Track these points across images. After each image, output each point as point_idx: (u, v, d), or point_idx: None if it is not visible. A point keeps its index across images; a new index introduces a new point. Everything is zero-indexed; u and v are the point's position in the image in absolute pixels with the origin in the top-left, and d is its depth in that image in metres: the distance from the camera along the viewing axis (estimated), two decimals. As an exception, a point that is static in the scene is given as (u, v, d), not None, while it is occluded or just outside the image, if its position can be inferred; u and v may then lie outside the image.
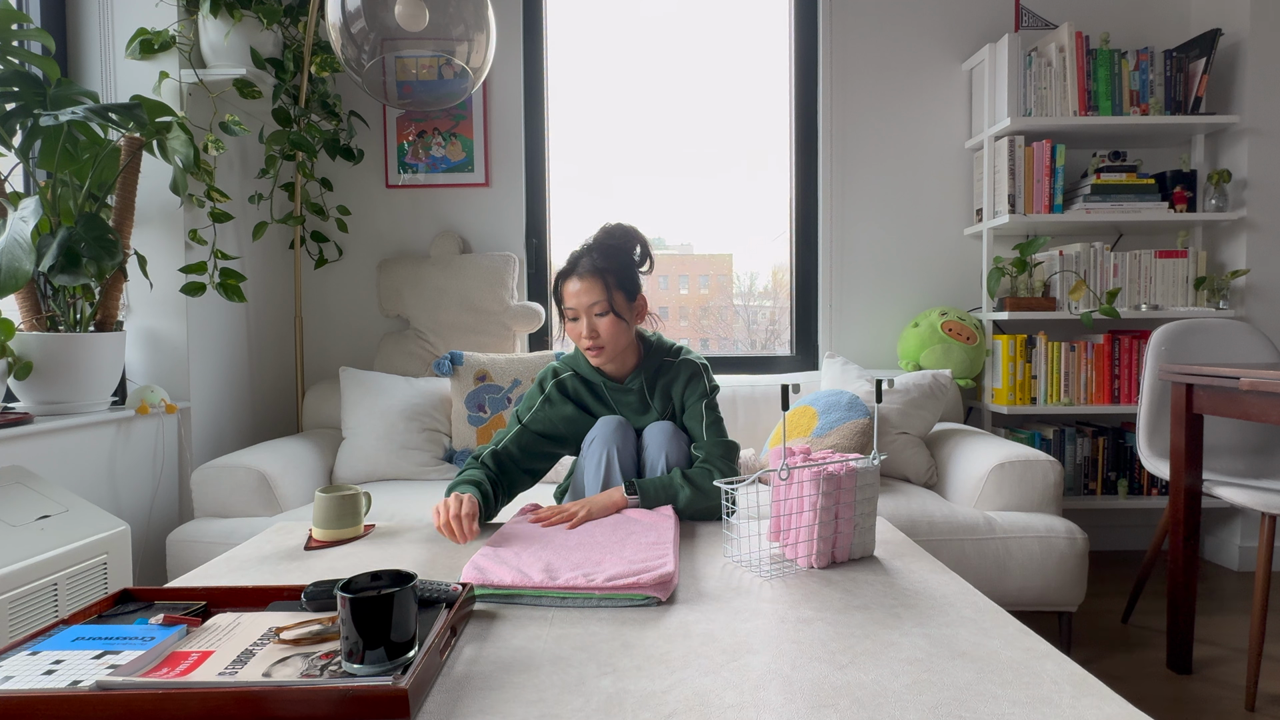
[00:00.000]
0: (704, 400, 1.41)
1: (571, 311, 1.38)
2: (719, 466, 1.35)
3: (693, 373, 1.43)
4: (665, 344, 1.48)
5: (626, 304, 1.38)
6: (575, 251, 1.42)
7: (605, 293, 1.35)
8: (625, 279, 1.39)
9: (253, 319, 2.31)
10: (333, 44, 1.50)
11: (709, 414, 1.41)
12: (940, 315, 2.33)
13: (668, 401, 1.45)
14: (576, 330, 1.38)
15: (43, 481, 1.40)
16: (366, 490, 1.34)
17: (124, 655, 0.74)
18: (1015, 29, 2.54)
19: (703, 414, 1.40)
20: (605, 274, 1.36)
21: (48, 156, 1.60)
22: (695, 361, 1.45)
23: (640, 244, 1.44)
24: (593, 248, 1.40)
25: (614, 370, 1.44)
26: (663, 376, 1.44)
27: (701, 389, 1.42)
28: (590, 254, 1.39)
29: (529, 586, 0.95)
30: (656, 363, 1.45)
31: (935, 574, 1.05)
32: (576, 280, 1.37)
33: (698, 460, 1.37)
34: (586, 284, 1.35)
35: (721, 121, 2.72)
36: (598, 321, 1.36)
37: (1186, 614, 1.69)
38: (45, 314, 1.62)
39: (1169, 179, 2.38)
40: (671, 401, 1.44)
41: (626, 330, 1.39)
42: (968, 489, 1.83)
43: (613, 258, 1.39)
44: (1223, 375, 1.54)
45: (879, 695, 0.70)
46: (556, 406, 1.44)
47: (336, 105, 2.34)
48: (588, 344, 1.37)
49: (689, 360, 1.45)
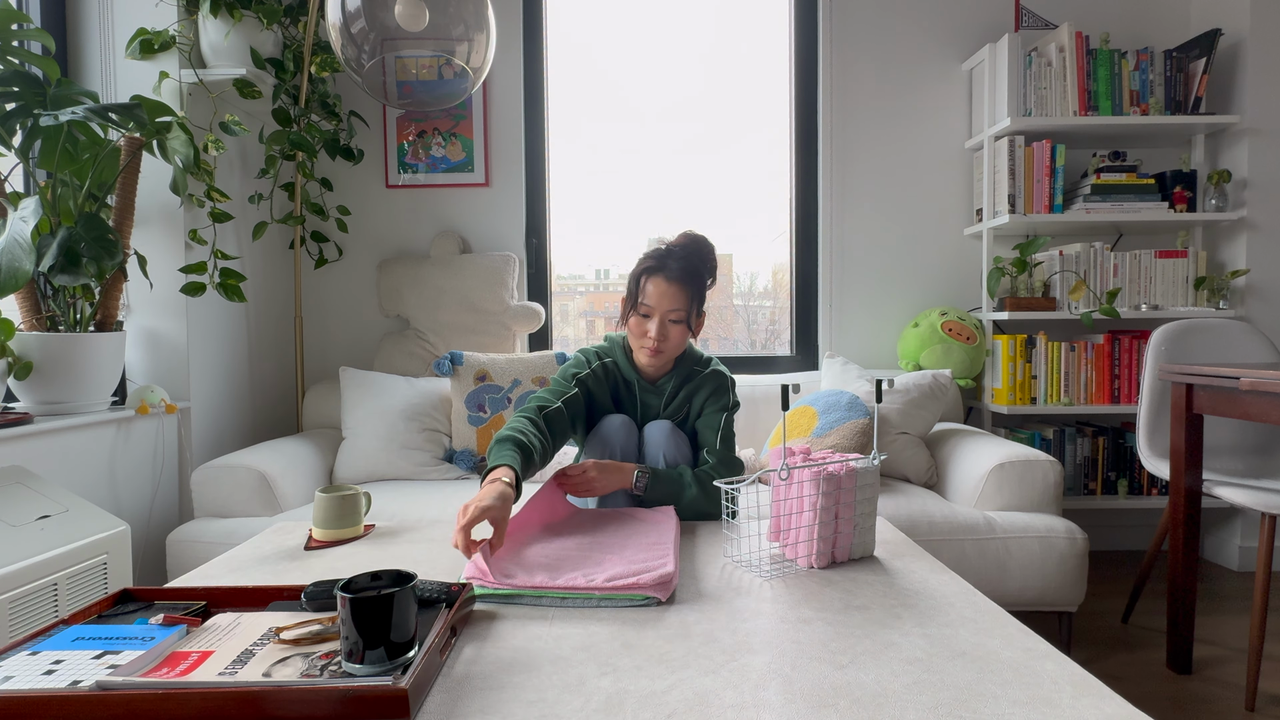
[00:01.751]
0: (723, 413, 1.42)
1: (647, 309, 1.36)
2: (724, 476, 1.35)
3: (719, 384, 1.44)
4: (696, 353, 1.49)
5: (696, 317, 1.40)
6: (661, 250, 1.40)
7: (689, 303, 1.36)
8: (702, 293, 1.40)
9: (253, 319, 2.31)
10: (333, 44, 1.50)
11: (725, 427, 1.41)
12: (940, 315, 2.33)
13: (685, 406, 1.45)
14: (643, 327, 1.37)
15: (43, 481, 1.40)
16: (366, 490, 1.34)
17: (124, 655, 0.74)
18: (1015, 29, 2.54)
19: (719, 425, 1.41)
20: (692, 282, 1.36)
21: (48, 156, 1.60)
22: (724, 374, 1.46)
23: (714, 260, 1.44)
24: (678, 253, 1.38)
25: (652, 372, 1.44)
26: (689, 384, 1.45)
27: (724, 402, 1.43)
28: (678, 257, 1.37)
29: (529, 587, 0.94)
30: (687, 370, 1.45)
31: (935, 574, 1.05)
32: (665, 282, 1.35)
33: (707, 465, 1.38)
34: (675, 289, 1.35)
35: (722, 121, 2.72)
36: (671, 327, 1.36)
37: (1186, 614, 1.69)
38: (45, 314, 1.62)
39: (1169, 179, 2.38)
40: (689, 406, 1.45)
41: (687, 341, 1.41)
42: (968, 489, 1.83)
43: (695, 269, 1.38)
44: (1223, 375, 1.54)
45: (879, 695, 0.70)
46: (600, 381, 1.44)
47: (336, 105, 2.34)
48: (651, 344, 1.36)
49: (718, 371, 1.46)
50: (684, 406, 1.45)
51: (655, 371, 1.44)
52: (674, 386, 1.44)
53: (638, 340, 1.39)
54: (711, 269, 1.43)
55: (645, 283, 1.37)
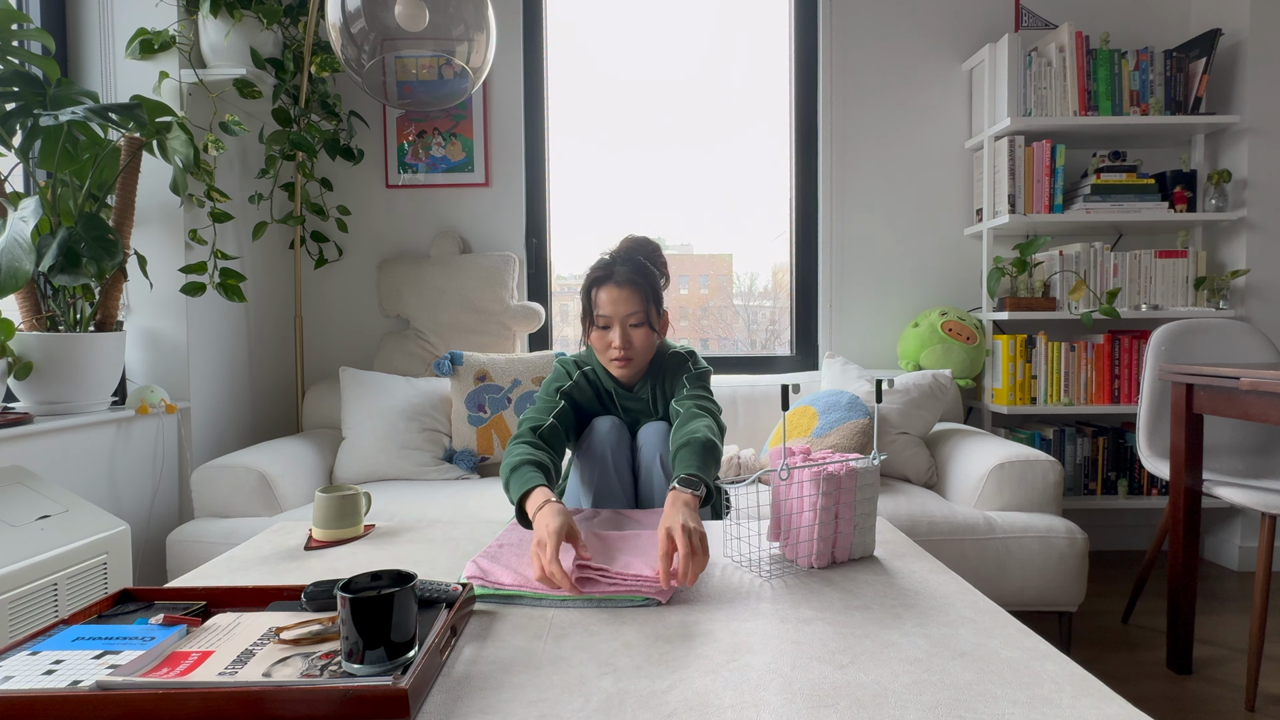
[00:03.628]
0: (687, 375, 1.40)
1: (604, 320, 1.35)
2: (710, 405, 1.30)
3: (679, 362, 1.44)
4: (668, 350, 1.48)
5: (657, 316, 1.38)
6: (605, 259, 1.39)
7: (644, 303, 1.34)
8: (657, 291, 1.38)
9: (253, 319, 2.31)
10: (333, 44, 1.50)
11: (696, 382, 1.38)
12: (940, 315, 2.33)
13: (666, 399, 1.44)
14: (605, 339, 1.35)
15: (43, 481, 1.40)
16: (366, 490, 1.34)
17: (124, 655, 0.74)
18: (1015, 29, 2.54)
19: (686, 384, 1.38)
20: (642, 284, 1.34)
21: (48, 156, 1.60)
22: (681, 351, 1.46)
23: (662, 257, 1.44)
24: (622, 258, 1.38)
25: (627, 379, 1.43)
26: (665, 380, 1.44)
27: (686, 370, 1.42)
28: (623, 262, 1.36)
29: (529, 587, 0.94)
30: (659, 367, 1.45)
31: (935, 574, 1.05)
32: (615, 288, 1.33)
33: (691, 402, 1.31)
34: (626, 293, 1.33)
35: (722, 121, 2.72)
36: (633, 332, 1.34)
37: (1186, 614, 1.69)
38: (45, 314, 1.62)
39: (1169, 179, 2.38)
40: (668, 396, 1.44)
41: (655, 343, 1.38)
42: (968, 489, 1.83)
43: (644, 269, 1.37)
44: (1223, 375, 1.54)
45: (879, 695, 0.70)
46: (583, 390, 1.43)
47: (336, 105, 2.34)
48: (617, 353, 1.34)
49: (677, 351, 1.46)
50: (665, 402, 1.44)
51: (630, 379, 1.43)
52: (652, 388, 1.43)
53: (604, 355, 1.38)
54: (660, 265, 1.43)
55: (597, 294, 1.35)
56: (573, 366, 1.46)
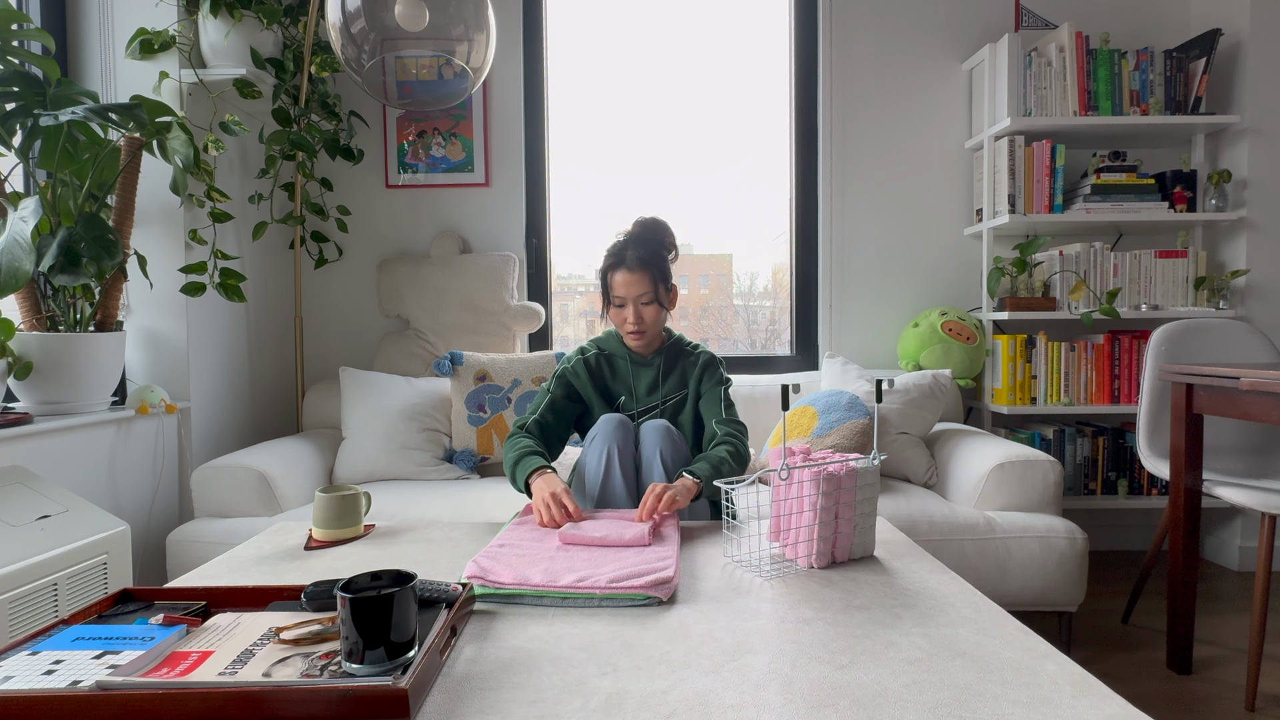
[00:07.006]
0: (720, 386, 1.56)
1: (619, 300, 1.50)
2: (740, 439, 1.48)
3: (709, 362, 1.59)
4: (686, 340, 1.64)
5: (666, 293, 1.53)
6: (618, 243, 1.53)
7: (653, 284, 1.49)
8: (665, 270, 1.53)
9: (253, 319, 2.31)
10: (333, 44, 1.50)
11: (726, 398, 1.56)
12: (940, 315, 2.33)
13: (682, 385, 1.57)
14: (621, 316, 1.52)
15: (43, 481, 1.40)
16: (366, 490, 1.34)
17: (124, 655, 0.74)
18: (1015, 29, 2.54)
19: (720, 397, 1.55)
20: (651, 266, 1.48)
21: (48, 156, 1.60)
22: (714, 356, 1.62)
23: (670, 236, 1.59)
24: (634, 241, 1.52)
25: (641, 348, 1.57)
26: (682, 360, 1.58)
27: (718, 378, 1.57)
28: (634, 247, 1.50)
29: (529, 586, 0.95)
30: (677, 349, 1.60)
31: (935, 574, 1.05)
32: (626, 272, 1.48)
33: (722, 432, 1.48)
34: (636, 276, 1.48)
35: (722, 121, 2.72)
36: (644, 310, 1.50)
37: (1186, 614, 1.69)
38: (45, 314, 1.62)
39: (1169, 179, 2.38)
40: (686, 386, 1.57)
41: (664, 317, 1.56)
42: (968, 489, 1.83)
43: (654, 250, 1.51)
44: (1223, 375, 1.54)
45: (879, 695, 0.70)
46: (590, 366, 1.58)
47: (336, 105, 2.34)
48: (632, 328, 1.51)
49: (707, 353, 1.61)
50: (680, 387, 1.57)
51: (643, 348, 1.58)
52: (664, 361, 1.58)
53: (622, 328, 1.55)
54: (670, 244, 1.58)
55: (612, 277, 1.51)
56: (589, 346, 1.61)
